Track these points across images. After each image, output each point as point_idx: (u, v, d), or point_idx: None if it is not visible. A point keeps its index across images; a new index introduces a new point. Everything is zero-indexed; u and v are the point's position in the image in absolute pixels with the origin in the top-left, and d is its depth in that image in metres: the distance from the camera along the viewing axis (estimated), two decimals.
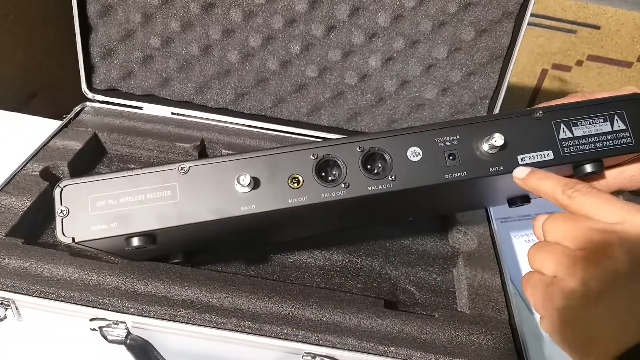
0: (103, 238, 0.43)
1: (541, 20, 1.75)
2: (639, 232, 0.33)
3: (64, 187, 0.43)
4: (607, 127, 0.46)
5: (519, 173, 0.43)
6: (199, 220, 0.43)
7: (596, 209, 0.36)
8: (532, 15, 0.69)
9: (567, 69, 1.85)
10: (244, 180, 0.42)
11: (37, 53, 1.42)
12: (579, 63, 1.84)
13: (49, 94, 1.47)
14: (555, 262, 0.36)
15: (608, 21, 1.74)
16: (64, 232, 0.42)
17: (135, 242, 0.43)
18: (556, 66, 1.85)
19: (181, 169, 0.43)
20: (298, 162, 0.44)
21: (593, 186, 0.52)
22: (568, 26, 1.76)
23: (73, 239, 0.42)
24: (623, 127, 0.46)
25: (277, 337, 0.50)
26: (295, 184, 0.43)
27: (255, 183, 0.43)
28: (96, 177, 0.43)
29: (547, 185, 0.40)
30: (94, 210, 0.43)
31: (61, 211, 0.42)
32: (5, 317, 0.54)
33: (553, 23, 1.76)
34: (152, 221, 0.42)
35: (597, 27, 1.75)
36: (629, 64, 1.81)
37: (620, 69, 1.82)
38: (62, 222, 0.42)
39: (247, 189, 0.42)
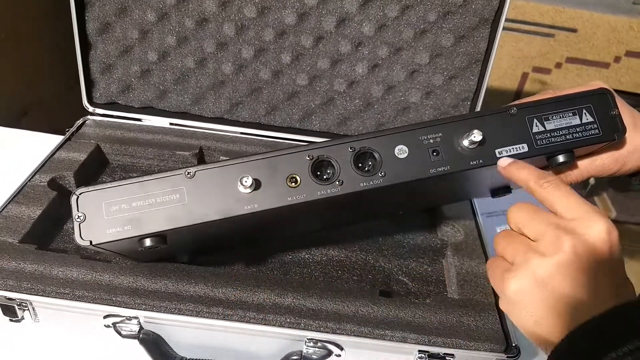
0: (118, 240, 0.46)
1: (520, 25, 1.81)
2: (586, 232, 0.38)
3: (80, 194, 0.46)
4: (576, 120, 0.50)
5: (502, 162, 0.47)
6: (206, 220, 0.46)
7: (559, 201, 0.40)
8: (511, 20, 0.74)
9: (547, 71, 1.91)
10: (246, 181, 0.45)
11: (28, 71, 1.45)
12: (558, 65, 1.89)
13: (40, 111, 1.50)
14: (513, 250, 0.40)
15: (584, 24, 1.79)
16: (82, 236, 0.46)
17: (148, 242, 0.46)
18: (536, 69, 1.91)
19: (188, 174, 0.46)
20: (295, 163, 0.47)
21: (567, 175, 0.57)
22: (546, 30, 1.82)
23: (90, 242, 0.46)
24: (591, 119, 0.50)
25: (281, 325, 0.54)
26: (294, 183, 0.47)
27: (257, 184, 0.46)
28: (109, 184, 0.46)
29: (523, 173, 0.44)
30: (109, 215, 0.46)
31: (78, 217, 0.46)
32: (22, 318, 0.57)
33: (532, 28, 1.82)
34: (162, 223, 0.46)
35: (574, 31, 1.81)
36: (606, 65, 1.87)
37: (598, 70, 1.88)
38: (79, 227, 0.46)
39: (249, 190, 0.46)
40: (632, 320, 0.35)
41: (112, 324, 0.55)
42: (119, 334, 0.55)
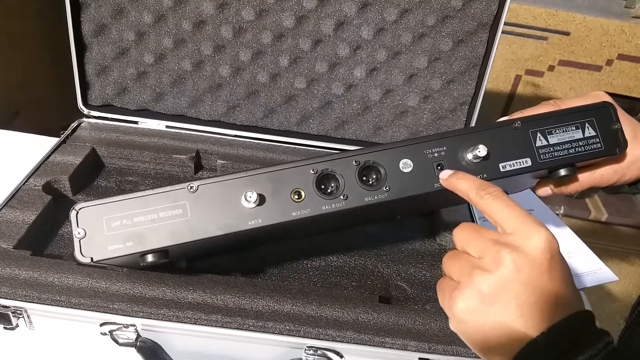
0: (120, 256, 0.45)
1: (513, 28, 1.82)
2: (525, 244, 0.37)
3: (80, 209, 0.45)
4: (579, 134, 0.50)
5: (444, 174, 0.47)
6: (209, 235, 0.45)
7: (498, 214, 0.40)
8: (504, 24, 0.74)
9: (540, 74, 1.92)
10: (251, 197, 0.45)
11: (19, 72, 1.43)
12: (551, 68, 1.90)
13: (32, 112, 1.49)
14: (459, 269, 0.40)
15: (577, 27, 1.80)
16: (82, 253, 0.45)
17: (150, 258, 0.46)
18: (529, 72, 1.91)
19: (190, 188, 0.46)
20: (299, 177, 0.47)
21: (567, 187, 0.57)
22: (539, 33, 1.83)
23: (91, 258, 0.45)
24: (593, 133, 0.50)
25: (280, 333, 0.53)
26: (298, 197, 0.47)
27: (261, 199, 0.46)
28: (109, 199, 0.46)
29: (464, 184, 0.44)
30: (110, 231, 0.45)
31: (78, 233, 0.45)
32: (17, 325, 0.56)
33: (525, 31, 1.83)
34: (165, 238, 0.45)
35: (567, 34, 1.82)
36: (598, 68, 1.88)
37: (590, 73, 1.89)
38: (80, 244, 0.45)
39: (253, 205, 0.45)
40: (586, 328, 0.36)
41: (109, 331, 0.54)
42: (116, 342, 0.54)
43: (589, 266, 0.79)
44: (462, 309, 0.38)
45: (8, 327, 0.56)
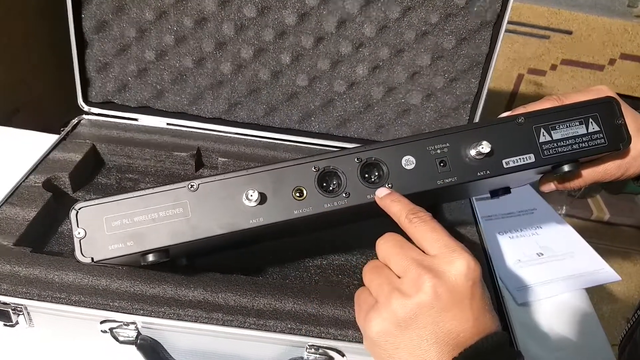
0: (120, 256, 0.45)
1: (516, 27, 1.81)
2: (447, 269, 0.37)
3: (79, 209, 0.45)
4: (582, 130, 0.49)
5: (380, 192, 0.46)
6: (210, 234, 0.45)
7: (424, 236, 0.40)
8: (507, 22, 0.74)
9: (542, 73, 1.91)
10: (252, 195, 0.44)
11: (19, 70, 1.43)
12: (553, 67, 1.90)
13: (32, 109, 1.48)
14: (378, 286, 0.39)
15: (580, 26, 1.80)
16: (83, 253, 0.45)
17: (151, 257, 0.46)
18: (532, 71, 1.91)
19: (191, 187, 0.45)
20: (301, 175, 0.46)
21: (571, 183, 0.56)
22: (542, 32, 1.82)
23: (92, 258, 0.45)
24: (597, 128, 0.50)
25: (281, 331, 0.53)
26: (299, 195, 0.46)
27: (262, 197, 0.45)
28: (110, 199, 0.45)
29: (397, 206, 0.44)
30: (110, 230, 0.45)
31: (79, 233, 0.45)
32: (17, 323, 0.55)
33: (527, 29, 1.82)
34: (166, 238, 0.45)
35: (570, 33, 1.81)
36: (600, 67, 1.88)
37: (592, 72, 1.89)
38: (80, 244, 0.45)
39: (254, 203, 0.45)
40: (497, 351, 0.36)
41: (109, 329, 0.54)
42: (116, 339, 0.54)
43: (592, 266, 0.78)
44: (377, 332, 0.38)
45: (8, 324, 0.55)
